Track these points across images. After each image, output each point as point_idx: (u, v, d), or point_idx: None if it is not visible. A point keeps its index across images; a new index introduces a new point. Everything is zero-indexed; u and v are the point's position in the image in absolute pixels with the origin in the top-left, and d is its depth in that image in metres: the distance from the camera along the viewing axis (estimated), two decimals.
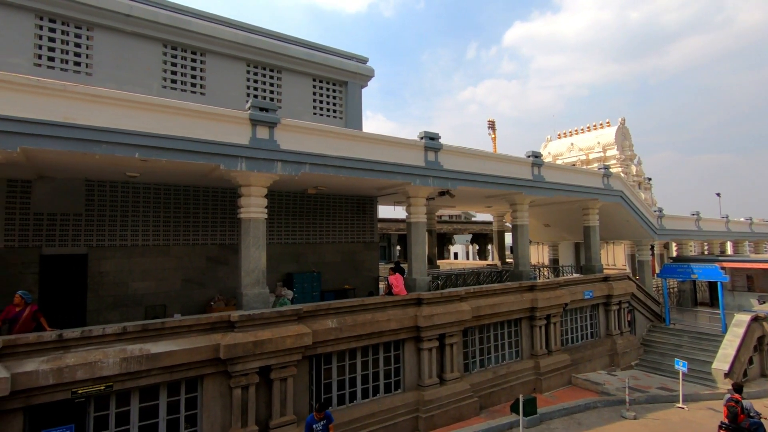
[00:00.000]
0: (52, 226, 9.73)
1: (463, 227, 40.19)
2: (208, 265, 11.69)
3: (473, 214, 45.71)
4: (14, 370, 6.24)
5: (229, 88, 12.60)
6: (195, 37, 11.93)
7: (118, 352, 7.07)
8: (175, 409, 7.87)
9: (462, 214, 45.30)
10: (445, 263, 27.92)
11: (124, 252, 10.53)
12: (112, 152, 7.28)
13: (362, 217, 14.85)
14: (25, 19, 9.96)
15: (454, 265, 26.80)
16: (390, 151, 10.75)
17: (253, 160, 8.69)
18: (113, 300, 10.35)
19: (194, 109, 8.22)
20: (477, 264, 28.01)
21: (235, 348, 7.94)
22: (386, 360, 10.78)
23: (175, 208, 11.28)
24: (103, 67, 10.83)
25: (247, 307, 8.72)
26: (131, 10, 10.95)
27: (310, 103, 14.17)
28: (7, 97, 6.54)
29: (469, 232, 41.21)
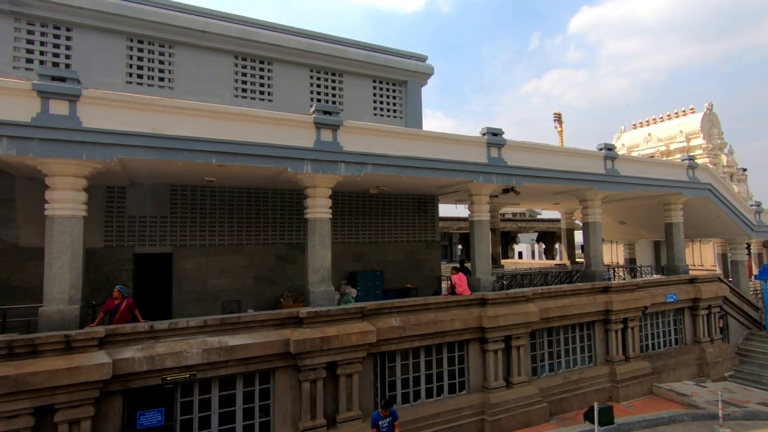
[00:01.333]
0: (143, 228, 10.75)
1: (528, 225, 38.68)
2: (277, 264, 12.28)
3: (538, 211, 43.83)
4: (114, 357, 6.98)
5: (294, 94, 13.14)
6: (262, 47, 12.59)
7: (200, 343, 7.66)
8: (250, 399, 8.36)
9: (527, 212, 43.60)
10: (510, 263, 27.04)
11: (203, 251, 11.37)
12: (192, 159, 7.89)
13: (423, 216, 14.81)
14: (118, 43, 11.09)
15: (519, 265, 25.87)
16: (451, 149, 10.61)
17: (318, 162, 8.99)
18: (194, 295, 11.22)
19: (263, 116, 8.68)
20: (544, 264, 26.81)
21: (303, 343, 8.27)
22: (450, 360, 10.66)
23: (247, 209, 11.98)
24: (182, 81, 11.77)
25: (314, 304, 9.05)
26: (206, 26, 11.80)
27: (370, 104, 14.38)
28: (106, 113, 7.33)
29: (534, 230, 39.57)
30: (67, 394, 6.59)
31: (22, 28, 10.19)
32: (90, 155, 7.12)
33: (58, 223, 7.18)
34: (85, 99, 7.16)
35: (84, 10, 10.53)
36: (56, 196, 7.20)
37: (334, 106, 9.67)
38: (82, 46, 10.72)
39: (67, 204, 7.25)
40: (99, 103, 7.29)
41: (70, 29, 10.63)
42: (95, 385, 6.76)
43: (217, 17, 12.28)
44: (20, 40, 10.17)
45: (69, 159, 7.04)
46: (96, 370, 6.66)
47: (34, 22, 10.28)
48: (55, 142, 6.91)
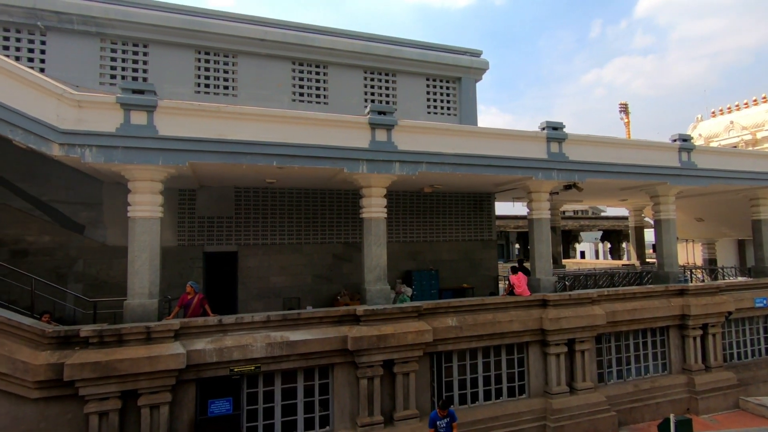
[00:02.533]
0: (211, 228, 11.47)
1: (591, 223, 36.65)
2: (334, 262, 12.58)
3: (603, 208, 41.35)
4: (188, 348, 7.51)
5: (348, 96, 13.39)
6: (318, 51, 12.95)
7: (264, 337, 8.03)
8: (310, 392, 8.64)
9: (589, 210, 41.30)
10: (571, 263, 25.78)
11: (265, 250, 11.92)
12: (255, 162, 8.29)
13: (479, 215, 14.50)
14: (188, 55, 11.90)
15: (582, 265, 24.59)
16: (508, 145, 10.29)
17: (373, 162, 9.09)
18: (257, 291, 11.79)
19: (319, 118, 8.92)
20: (610, 264, 25.28)
21: (360, 340, 8.41)
22: (509, 363, 10.35)
23: (306, 210, 12.39)
24: (244, 88, 12.40)
25: (370, 302, 9.17)
26: (266, 34, 12.34)
27: (424, 102, 14.32)
28: (178, 121, 7.89)
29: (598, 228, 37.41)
30: (149, 381, 7.19)
31: (106, 47, 11.23)
32: (165, 161, 7.70)
33: (139, 223, 7.85)
34: (161, 109, 7.76)
35: (158, 27, 11.40)
36: (137, 199, 7.87)
37: (389, 106, 9.74)
38: (157, 61, 11.62)
39: (146, 206, 7.90)
40: (172, 113, 7.87)
41: (147, 45, 11.56)
42: (172, 373, 7.32)
43: (275, 25, 12.81)
44: (105, 58, 11.22)
45: (147, 165, 7.67)
46: (173, 360, 7.20)
47: (116, 41, 11.30)
48: (135, 150, 7.56)
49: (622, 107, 45.45)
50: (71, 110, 7.32)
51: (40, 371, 6.75)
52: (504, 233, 34.66)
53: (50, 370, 6.79)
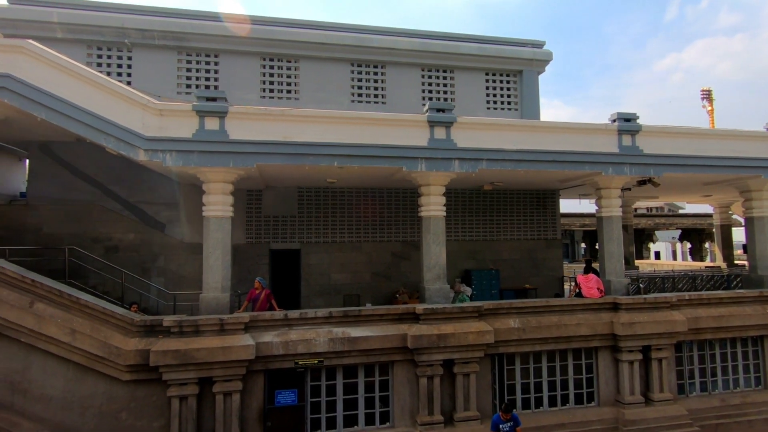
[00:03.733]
0: (276, 226, 12.02)
1: (667, 222, 33.83)
2: (393, 260, 12.68)
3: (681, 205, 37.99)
4: (257, 340, 7.93)
5: (406, 94, 13.41)
6: (376, 51, 13.09)
7: (326, 332, 8.28)
8: (371, 388, 8.79)
9: (665, 207, 38.13)
10: (646, 263, 23.99)
11: (326, 248, 12.28)
12: (317, 162, 8.56)
13: (542, 213, 13.92)
14: (254, 63, 12.54)
15: (657, 267, 22.79)
16: (574, 139, 9.77)
17: (432, 160, 9.04)
18: (319, 288, 12.18)
19: (378, 118, 9.03)
20: (690, 266, 23.20)
21: (420, 339, 8.41)
22: (576, 368, 9.84)
23: (365, 209, 12.59)
24: (306, 91, 12.84)
25: (429, 301, 9.13)
26: (326, 38, 12.68)
27: (483, 97, 13.99)
28: (247, 125, 8.34)
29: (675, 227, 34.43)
30: (222, 369, 7.69)
31: (182, 59, 12.14)
32: (235, 163, 8.19)
33: (213, 222, 8.41)
34: (231, 115, 8.25)
35: (228, 37, 12.12)
36: (210, 199, 8.43)
37: (447, 103, 9.63)
38: (226, 69, 12.36)
39: (219, 206, 8.44)
40: (241, 117, 8.34)
41: (218, 55, 12.34)
42: (243, 363, 7.77)
43: (334, 29, 13.13)
44: (181, 69, 12.13)
45: (219, 167, 8.20)
46: (243, 351, 7.65)
47: (191, 53, 12.17)
48: (209, 154, 8.11)
49: (705, 94, 41.37)
50: (154, 119, 8.01)
51: (130, 356, 7.46)
52: (569, 232, 32.99)
53: (138, 355, 7.48)
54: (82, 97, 7.79)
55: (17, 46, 7.73)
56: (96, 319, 7.66)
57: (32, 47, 7.74)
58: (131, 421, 7.70)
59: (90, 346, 7.47)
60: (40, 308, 7.56)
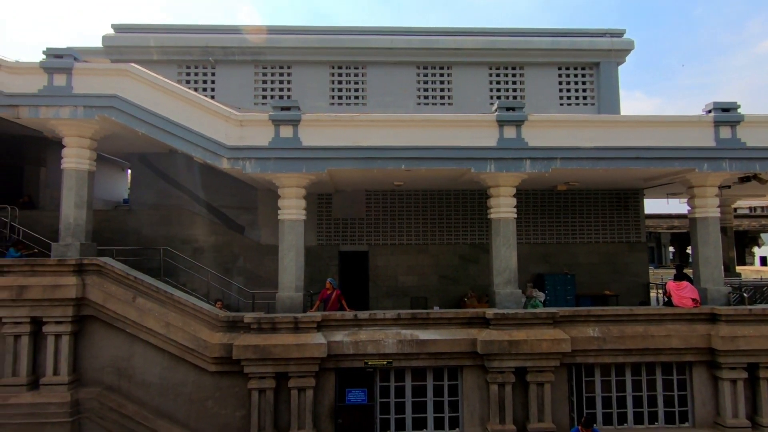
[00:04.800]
0: (345, 229, 12.37)
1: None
2: (460, 263, 12.48)
3: None
4: (329, 339, 8.21)
5: (473, 94, 13.16)
6: (442, 53, 13.00)
7: (395, 334, 8.36)
8: (439, 392, 8.71)
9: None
10: (749, 270, 21.32)
11: (393, 250, 12.40)
12: (385, 166, 8.69)
13: (624, 214, 12.92)
14: (323, 71, 13.03)
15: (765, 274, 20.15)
16: (662, 134, 8.97)
17: (502, 160, 8.79)
18: (386, 290, 12.32)
19: (445, 119, 8.97)
20: None
21: (490, 344, 8.19)
22: (666, 384, 8.99)
23: (431, 211, 12.54)
24: (373, 96, 13.08)
25: (499, 305, 8.86)
26: (392, 42, 12.84)
27: (555, 93, 13.31)
28: (317, 132, 8.70)
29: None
30: (297, 366, 8.06)
31: (258, 71, 12.94)
32: (308, 168, 8.57)
33: (287, 225, 8.86)
34: (303, 122, 8.65)
35: (299, 49, 12.72)
36: (285, 203, 8.90)
37: (517, 101, 9.32)
38: (298, 79, 12.97)
39: (293, 210, 8.88)
40: (313, 125, 8.71)
41: (290, 66, 12.98)
42: (315, 360, 8.08)
43: (399, 33, 13.25)
44: (257, 81, 12.93)
45: (293, 173, 8.62)
46: (316, 348, 7.96)
47: (266, 65, 12.94)
48: (284, 160, 8.56)
49: None
50: (235, 129, 8.62)
51: (216, 349, 8.08)
52: (654, 234, 30.27)
53: (223, 348, 8.08)
54: (175, 112, 8.61)
55: (122, 69, 8.73)
56: (187, 314, 8.40)
57: (135, 70, 8.71)
58: (216, 410, 8.33)
59: (182, 338, 8.21)
60: (141, 302, 8.45)
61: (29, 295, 8.19)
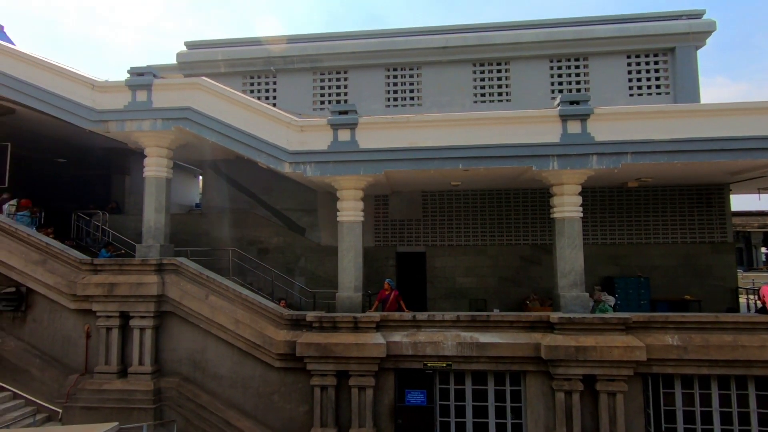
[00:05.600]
0: (402, 230, 12.41)
1: None
2: (521, 265, 12.05)
3: None
4: (387, 339, 8.27)
5: (533, 89, 12.66)
6: (499, 48, 12.64)
7: (454, 336, 8.25)
8: (501, 397, 8.47)
9: None
10: None
11: (451, 251, 12.24)
12: (442, 166, 8.61)
13: (707, 211, 11.80)
14: (378, 74, 13.17)
15: None
16: (751, 122, 8.10)
17: (565, 157, 8.38)
18: (444, 291, 12.19)
19: (504, 116, 8.71)
20: None
21: (556, 350, 7.82)
22: (761, 400, 8.08)
23: (490, 211, 12.23)
24: (428, 96, 13.01)
25: (564, 309, 8.45)
26: (447, 41, 12.70)
27: (624, 83, 12.45)
28: (374, 134, 8.81)
29: None
30: (357, 365, 8.20)
31: (317, 78, 13.36)
32: (365, 171, 8.70)
33: (346, 227, 9.05)
34: (360, 125, 8.80)
35: (355, 54, 12.95)
36: (344, 205, 9.10)
37: (581, 94, 8.85)
38: (354, 82, 13.21)
39: (351, 211, 9.06)
40: (369, 127, 8.84)
41: (346, 71, 13.25)
42: (375, 360, 8.18)
43: (454, 31, 13.07)
44: (316, 87, 13.35)
45: (351, 175, 8.80)
46: (376, 348, 8.05)
47: (324, 71, 13.32)
48: (342, 163, 8.77)
49: None
50: (296, 134, 8.96)
51: (281, 345, 8.44)
52: (743, 234, 27.33)
53: (287, 345, 8.41)
54: (242, 121, 9.12)
55: (194, 83, 9.40)
56: (254, 312, 8.85)
57: (205, 83, 9.34)
58: (282, 404, 8.69)
59: (249, 335, 8.67)
60: (213, 300, 9.03)
61: (118, 292, 9.05)
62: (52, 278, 9.38)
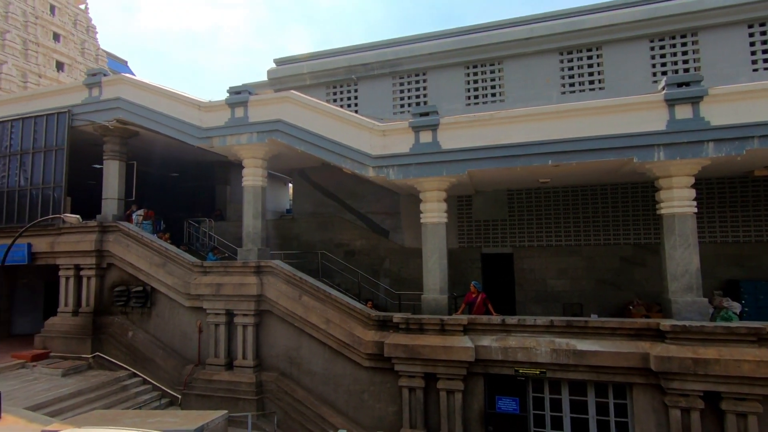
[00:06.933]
0: (487, 230, 12.04)
1: None
2: (622, 266, 11.02)
3: None
4: (475, 343, 8.07)
5: (630, 74, 11.54)
6: (589, 33, 11.73)
7: (548, 342, 7.79)
8: (603, 410, 7.80)
9: None
10: None
11: (540, 252, 11.60)
12: (529, 163, 8.21)
13: None
14: (457, 73, 12.94)
15: None
16: None
17: (673, 146, 7.52)
18: (534, 294, 11.58)
19: (598, 106, 8.05)
20: None
21: (668, 362, 7.02)
22: None
23: (583, 208, 11.38)
24: (511, 91, 12.48)
25: (677, 316, 7.55)
26: (530, 32, 12.09)
27: (746, 58, 10.82)
28: (456, 134, 8.67)
29: None
30: (444, 368, 8.11)
31: (396, 82, 13.51)
32: (448, 172, 8.60)
33: (430, 228, 9.02)
34: (442, 126, 8.73)
35: (433, 54, 12.87)
36: (427, 207, 9.07)
37: (691, 74, 7.92)
38: (433, 84, 13.11)
39: (435, 213, 9.00)
40: (451, 127, 8.72)
41: (425, 73, 13.24)
42: (463, 364, 8.02)
43: (538, 20, 12.41)
44: (395, 91, 13.50)
45: (434, 177, 8.75)
46: (464, 352, 7.89)
47: (402, 75, 13.42)
48: (424, 165, 8.76)
49: None
50: (378, 139, 9.15)
51: (369, 345, 8.64)
52: None
53: (375, 345, 8.59)
54: (327, 129, 9.55)
55: (284, 96, 10.04)
56: (343, 312, 9.18)
57: (293, 95, 9.93)
58: (371, 403, 8.89)
59: (340, 334, 9.00)
60: (305, 300, 9.54)
61: (224, 291, 9.95)
62: (170, 279, 10.62)
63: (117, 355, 11.02)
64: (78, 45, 23.97)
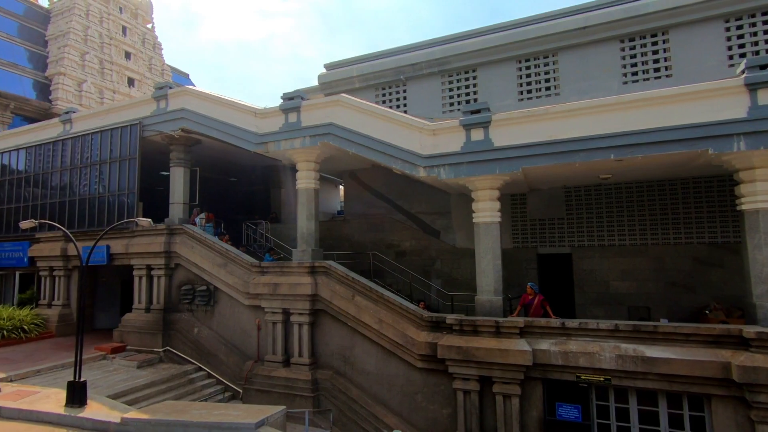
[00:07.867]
0: (543, 230, 11.58)
1: None
2: (695, 267, 10.17)
3: None
4: (533, 346, 7.77)
5: (701, 59, 10.64)
6: (653, 17, 10.95)
7: (612, 348, 7.34)
8: (677, 422, 7.23)
9: None
10: None
11: (602, 252, 10.97)
12: (589, 158, 7.79)
13: None
14: (508, 68, 12.56)
15: None
16: None
17: (755, 134, 6.84)
18: (596, 296, 10.97)
19: (666, 95, 7.50)
20: None
21: (754, 372, 6.37)
22: None
23: (650, 205, 10.64)
24: (567, 84, 11.93)
25: (764, 322, 6.85)
26: (587, 21, 11.50)
27: None
28: (509, 131, 8.41)
29: None
30: (500, 371, 7.88)
31: (444, 80, 13.35)
32: (501, 169, 8.36)
33: (483, 228, 8.81)
34: (494, 123, 8.50)
35: (483, 50, 12.59)
36: (479, 206, 8.87)
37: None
38: (483, 80, 12.84)
39: (487, 212, 8.79)
40: (503, 124, 8.47)
41: (475, 69, 12.98)
42: (520, 368, 7.75)
43: (595, 8, 11.77)
44: (444, 90, 13.35)
45: (486, 175, 8.54)
46: (520, 355, 7.63)
47: (451, 73, 13.25)
48: (476, 163, 8.57)
49: None
50: (428, 138, 9.07)
51: (422, 346, 8.58)
52: None
53: (428, 347, 8.52)
54: (377, 130, 9.61)
55: (335, 100, 10.23)
56: (395, 313, 9.19)
57: (343, 99, 10.09)
58: (425, 404, 8.83)
59: (392, 334, 9.02)
60: (358, 300, 9.65)
61: (280, 291, 10.30)
62: (231, 279, 11.16)
63: (184, 349, 11.74)
64: (146, 61, 25.90)
